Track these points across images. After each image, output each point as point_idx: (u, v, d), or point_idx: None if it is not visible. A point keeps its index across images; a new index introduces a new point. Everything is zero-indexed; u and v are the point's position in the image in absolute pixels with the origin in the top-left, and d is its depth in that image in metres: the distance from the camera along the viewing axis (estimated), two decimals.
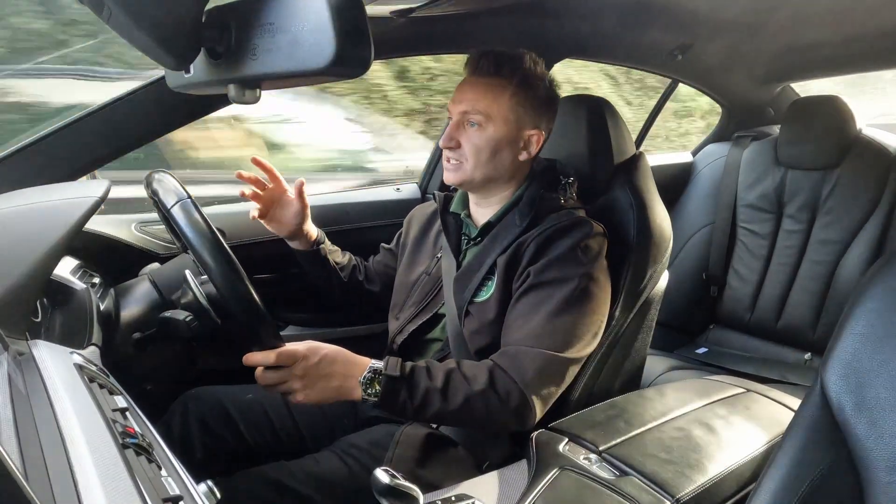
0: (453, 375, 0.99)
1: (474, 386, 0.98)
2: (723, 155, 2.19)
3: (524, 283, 1.09)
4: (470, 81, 1.16)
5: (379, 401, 0.96)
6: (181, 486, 0.56)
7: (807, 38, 1.82)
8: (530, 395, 0.99)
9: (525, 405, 0.99)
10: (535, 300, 1.07)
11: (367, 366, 0.96)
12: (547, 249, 1.10)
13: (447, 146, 1.16)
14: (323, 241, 1.35)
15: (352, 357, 0.97)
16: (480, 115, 1.13)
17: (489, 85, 1.13)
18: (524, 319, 1.06)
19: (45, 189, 1.05)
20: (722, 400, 1.13)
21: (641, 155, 1.38)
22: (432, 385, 0.97)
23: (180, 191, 0.99)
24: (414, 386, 0.97)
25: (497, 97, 1.13)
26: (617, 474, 0.90)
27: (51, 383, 0.65)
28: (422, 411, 0.97)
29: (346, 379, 0.95)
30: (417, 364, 1.00)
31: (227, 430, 1.18)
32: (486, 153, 1.14)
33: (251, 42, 0.62)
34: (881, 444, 0.67)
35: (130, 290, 1.15)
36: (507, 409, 0.99)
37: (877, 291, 0.73)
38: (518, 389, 0.99)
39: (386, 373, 0.96)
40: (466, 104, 1.14)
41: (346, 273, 1.38)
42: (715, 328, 2.17)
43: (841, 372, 0.72)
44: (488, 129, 1.13)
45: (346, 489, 1.04)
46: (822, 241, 1.90)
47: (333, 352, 0.96)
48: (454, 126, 1.16)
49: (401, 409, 0.97)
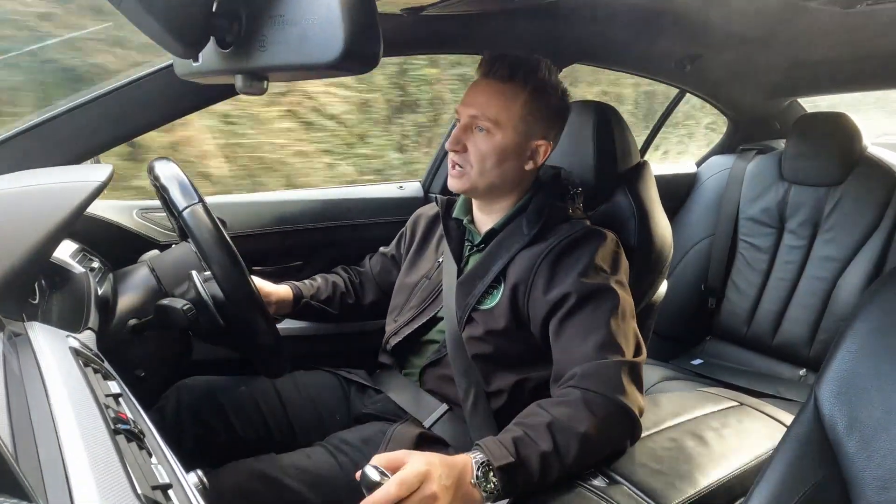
0: (554, 427, 0.89)
1: (580, 427, 0.89)
2: (727, 167, 2.19)
3: (564, 303, 1.04)
4: (482, 84, 1.13)
5: (503, 494, 0.84)
6: (171, 474, 0.56)
7: (816, 54, 1.82)
8: (631, 406, 0.94)
9: (630, 417, 0.95)
10: (584, 315, 1.03)
11: (471, 463, 0.83)
12: (570, 263, 1.07)
13: (453, 149, 1.13)
14: (301, 295, 1.34)
15: (450, 460, 0.82)
16: (489, 121, 1.10)
17: (502, 90, 1.11)
18: (583, 337, 1.01)
19: (49, 171, 1.05)
20: (715, 412, 1.13)
21: (646, 164, 1.38)
22: (542, 449, 0.87)
23: (191, 192, 1.01)
24: (526, 461, 0.85)
25: (509, 104, 1.10)
26: (607, 482, 0.90)
27: (45, 365, 0.65)
28: (545, 479, 0.87)
29: (460, 487, 0.81)
30: (513, 435, 0.88)
31: (218, 420, 1.18)
32: (491, 160, 1.12)
33: (260, 33, 0.62)
34: (872, 463, 0.67)
35: (129, 276, 1.15)
36: (618, 430, 0.94)
37: (874, 310, 0.73)
38: (616, 404, 0.93)
39: (497, 465, 0.83)
40: (476, 108, 1.11)
41: (335, 305, 1.39)
42: (711, 340, 2.17)
43: (835, 390, 0.72)
44: (496, 135, 1.11)
45: (335, 485, 1.03)
46: (823, 257, 1.89)
47: (438, 462, 0.80)
48: (461, 129, 1.13)
49: (525, 488, 0.86)
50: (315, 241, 1.65)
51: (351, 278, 1.45)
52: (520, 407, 0.97)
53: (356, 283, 1.44)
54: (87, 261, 1.14)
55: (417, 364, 1.23)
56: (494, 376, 1.12)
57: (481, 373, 1.12)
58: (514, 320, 1.10)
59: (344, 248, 1.62)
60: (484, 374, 1.12)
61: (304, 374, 1.32)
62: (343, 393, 1.31)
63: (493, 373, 1.12)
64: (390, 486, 0.74)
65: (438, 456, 0.81)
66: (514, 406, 1.03)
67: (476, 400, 1.11)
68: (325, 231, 1.63)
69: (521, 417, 0.93)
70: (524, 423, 0.91)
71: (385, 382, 1.26)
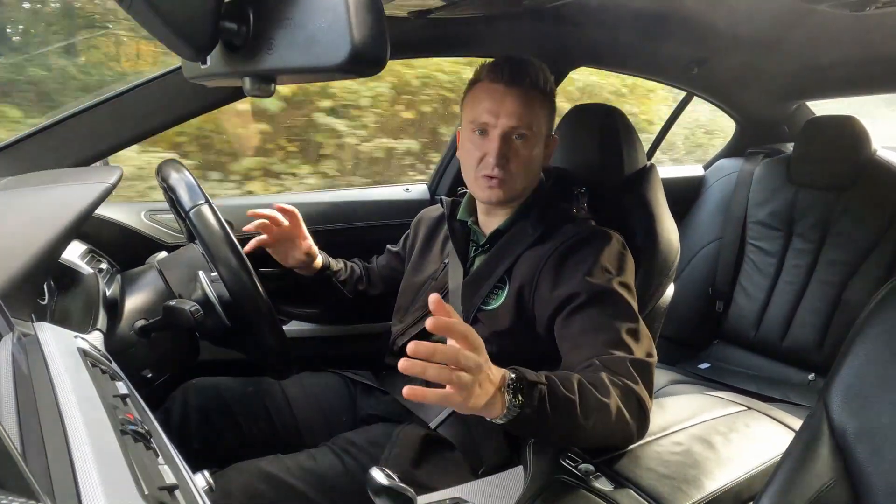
0: (583, 388, 0.86)
1: (604, 397, 0.87)
2: (735, 170, 2.18)
3: (570, 302, 1.03)
4: (510, 93, 1.09)
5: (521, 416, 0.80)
6: (178, 474, 0.56)
7: (824, 57, 1.81)
8: (645, 399, 0.93)
9: (642, 409, 0.93)
10: (592, 314, 1.01)
11: (507, 375, 0.80)
12: (575, 263, 1.07)
13: (500, 164, 1.09)
14: (328, 266, 1.36)
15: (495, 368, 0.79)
16: (528, 129, 1.10)
17: (529, 97, 1.10)
18: (592, 334, 0.99)
19: (59, 173, 1.06)
20: (723, 417, 1.13)
21: (652, 167, 1.37)
22: (568, 395, 0.84)
23: (198, 193, 1.02)
24: (553, 391, 0.83)
25: (536, 109, 1.11)
26: (613, 486, 0.90)
27: (54, 366, 0.66)
28: (556, 428, 0.84)
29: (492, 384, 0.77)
30: (546, 373, 0.86)
31: (225, 421, 1.18)
32: (534, 166, 1.14)
33: (268, 36, 0.62)
34: (881, 469, 0.66)
35: (137, 278, 1.16)
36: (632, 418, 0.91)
37: (884, 316, 0.72)
38: (633, 392, 0.92)
39: (529, 379, 0.81)
40: (514, 119, 1.09)
41: (349, 287, 1.40)
42: (719, 344, 2.16)
43: (844, 395, 0.72)
44: (532, 141, 1.11)
45: (341, 486, 1.04)
46: (831, 261, 1.88)
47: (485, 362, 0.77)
48: (502, 141, 1.09)
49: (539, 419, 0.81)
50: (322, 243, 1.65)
51: (365, 266, 1.47)
52: None
53: (369, 271, 1.46)
54: (96, 262, 1.15)
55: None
56: None
57: None
58: (519, 320, 1.10)
59: (350, 250, 1.62)
60: None
61: (310, 376, 1.33)
62: (349, 394, 1.31)
63: None
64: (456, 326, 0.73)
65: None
66: None
67: None
68: (332, 233, 1.64)
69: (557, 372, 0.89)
70: (559, 374, 0.88)
71: (391, 384, 1.26)
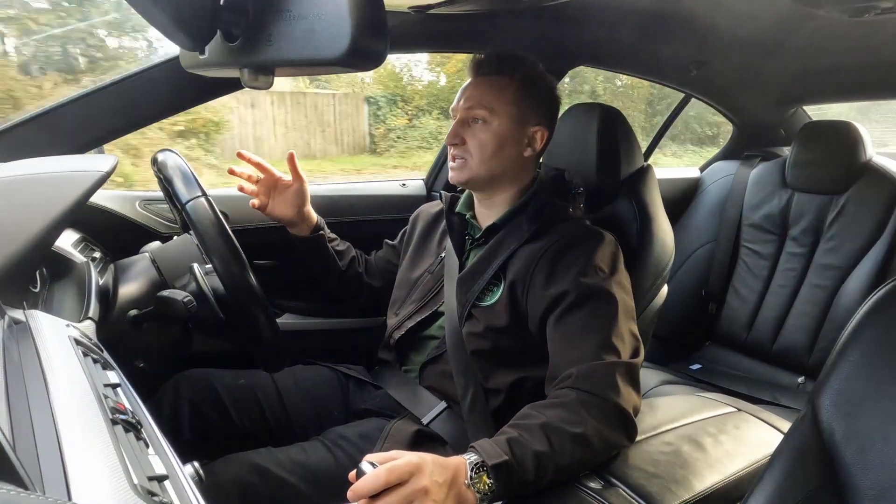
0: (549, 428, 0.88)
1: (575, 428, 0.88)
2: (731, 173, 2.19)
3: (561, 301, 1.04)
4: (474, 82, 1.18)
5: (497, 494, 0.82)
6: (168, 465, 0.56)
7: (823, 62, 1.82)
8: (626, 407, 0.94)
9: (625, 418, 0.94)
10: (581, 315, 1.03)
11: (465, 464, 0.81)
12: (569, 261, 1.08)
13: (452, 142, 1.17)
14: (323, 228, 1.36)
15: (443, 460, 0.81)
16: (485, 109, 1.14)
17: (492, 82, 1.16)
18: (580, 337, 1.01)
19: (53, 160, 1.05)
20: (712, 418, 1.13)
21: (649, 167, 1.38)
22: (537, 449, 0.85)
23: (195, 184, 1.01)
24: (520, 460, 0.84)
25: (501, 92, 1.15)
26: (603, 484, 0.90)
27: (45, 354, 0.65)
28: (540, 480, 0.85)
29: (453, 487, 0.79)
30: (508, 436, 0.87)
31: (216, 413, 1.18)
32: (490, 148, 1.15)
33: (267, 27, 0.62)
34: (868, 472, 0.67)
35: (130, 267, 1.15)
36: (614, 432, 0.93)
37: (875, 320, 0.73)
38: (612, 405, 0.93)
39: (491, 464, 0.82)
40: (471, 101, 1.16)
41: (344, 262, 1.39)
42: (710, 345, 2.17)
43: (833, 398, 0.72)
44: (493, 123, 1.14)
45: (331, 480, 1.04)
46: (824, 265, 1.89)
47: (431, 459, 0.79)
48: (459, 124, 1.17)
49: (520, 489, 0.84)
50: None
51: (365, 258, 1.47)
52: (517, 407, 0.97)
53: (369, 263, 1.46)
54: (89, 250, 1.14)
55: (417, 361, 1.23)
56: (493, 374, 1.12)
57: (480, 370, 1.12)
58: (513, 317, 1.11)
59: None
60: (483, 371, 1.12)
61: (302, 369, 1.33)
62: (341, 388, 1.31)
63: (492, 370, 1.12)
64: (379, 472, 0.74)
65: (432, 455, 0.80)
66: (512, 406, 1.03)
67: (474, 398, 1.11)
68: (328, 227, 1.64)
69: (516, 420, 0.92)
70: (519, 425, 0.90)
71: (384, 378, 1.27)
